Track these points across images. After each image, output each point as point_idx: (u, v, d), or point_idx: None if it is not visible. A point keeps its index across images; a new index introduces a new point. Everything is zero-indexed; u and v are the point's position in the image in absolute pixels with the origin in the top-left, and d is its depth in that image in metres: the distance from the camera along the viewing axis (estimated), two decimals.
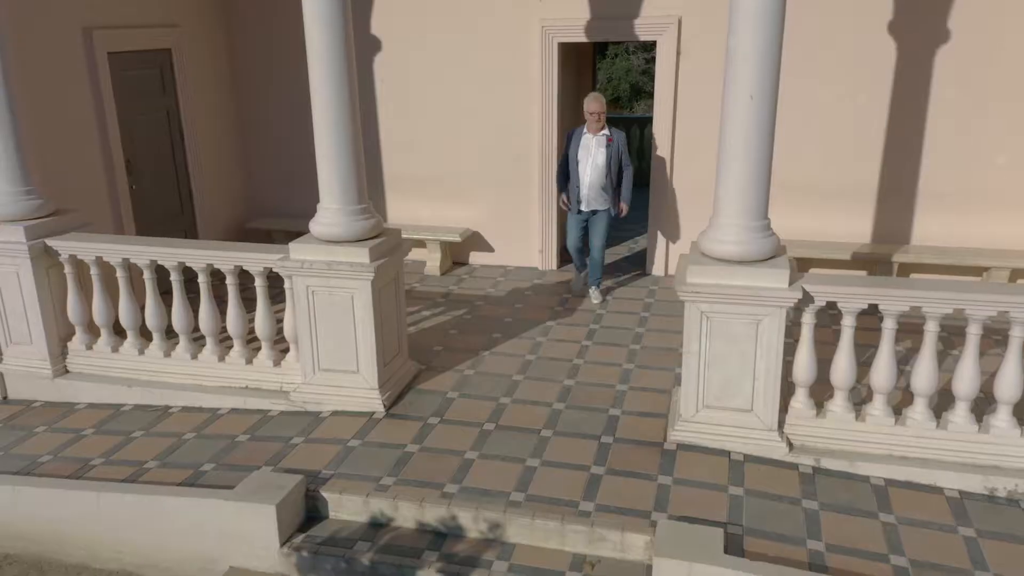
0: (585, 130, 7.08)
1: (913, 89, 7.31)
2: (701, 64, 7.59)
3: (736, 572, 3.83)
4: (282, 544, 4.39)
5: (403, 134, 8.64)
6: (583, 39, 7.93)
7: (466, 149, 8.51)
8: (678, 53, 7.70)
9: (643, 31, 7.69)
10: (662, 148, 7.99)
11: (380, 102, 8.60)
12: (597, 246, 7.34)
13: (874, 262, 7.47)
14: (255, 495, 4.43)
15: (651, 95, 8.12)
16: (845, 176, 7.62)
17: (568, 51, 8.48)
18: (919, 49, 7.21)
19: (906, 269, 7.45)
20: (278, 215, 9.28)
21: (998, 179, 7.32)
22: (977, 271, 7.36)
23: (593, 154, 7.02)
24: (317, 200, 5.48)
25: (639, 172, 12.53)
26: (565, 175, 7.22)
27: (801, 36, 7.23)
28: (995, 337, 6.19)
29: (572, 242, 7.37)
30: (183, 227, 8.18)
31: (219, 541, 4.47)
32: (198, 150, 8.29)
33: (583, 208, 7.17)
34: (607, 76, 24.49)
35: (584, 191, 7.09)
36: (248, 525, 4.38)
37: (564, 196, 7.28)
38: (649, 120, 11.93)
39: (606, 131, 7.03)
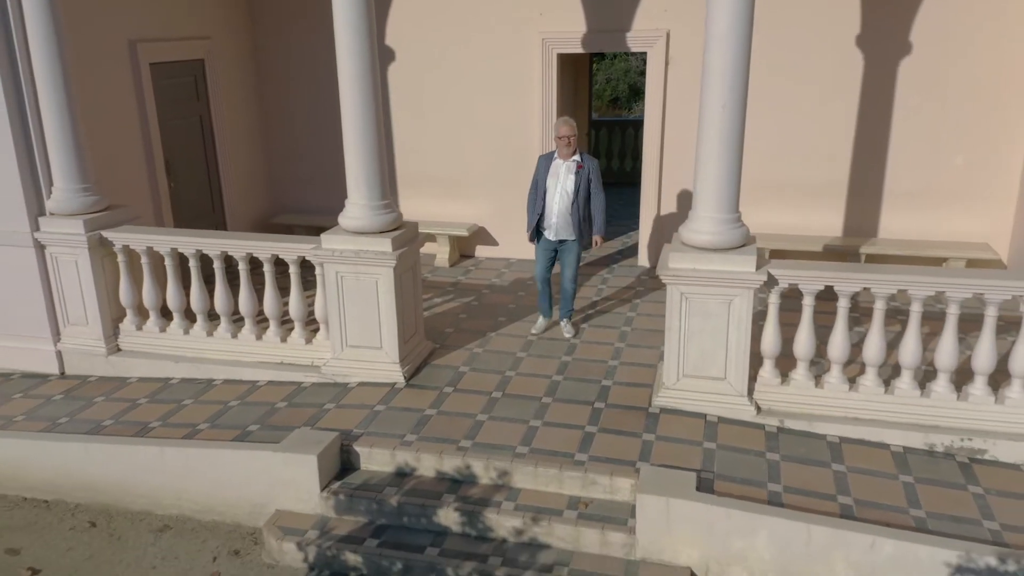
0: (555, 155, 6.71)
1: (881, 96, 8.06)
2: (688, 72, 8.33)
3: (705, 505, 4.59)
4: (322, 489, 5.14)
5: (415, 137, 9.38)
6: (580, 50, 8.68)
7: (473, 151, 9.25)
8: (666, 63, 8.45)
9: (635, 43, 8.44)
10: (652, 149, 8.74)
11: (394, 107, 9.34)
12: (569, 277, 6.93)
13: (844, 254, 8.22)
14: (298, 447, 5.18)
15: None
16: (820, 175, 8.37)
17: (566, 59, 9.22)
18: (886, 60, 7.96)
19: (873, 260, 8.18)
20: (299, 211, 10.03)
21: (956, 178, 8.07)
22: (937, 262, 8.09)
23: (562, 180, 6.63)
24: (334, 197, 6.24)
25: (634, 171, 13.30)
26: (533, 202, 6.80)
27: (782, 49, 7.99)
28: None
29: (539, 271, 6.98)
30: (214, 223, 8.93)
31: (268, 488, 5.22)
32: (227, 152, 9.04)
33: (551, 237, 6.78)
34: (606, 77, 25.18)
35: (552, 219, 6.69)
36: (293, 473, 5.13)
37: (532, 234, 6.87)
38: (643, 122, 12.68)
39: (577, 157, 6.63)
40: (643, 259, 9.20)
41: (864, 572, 4.47)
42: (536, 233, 6.89)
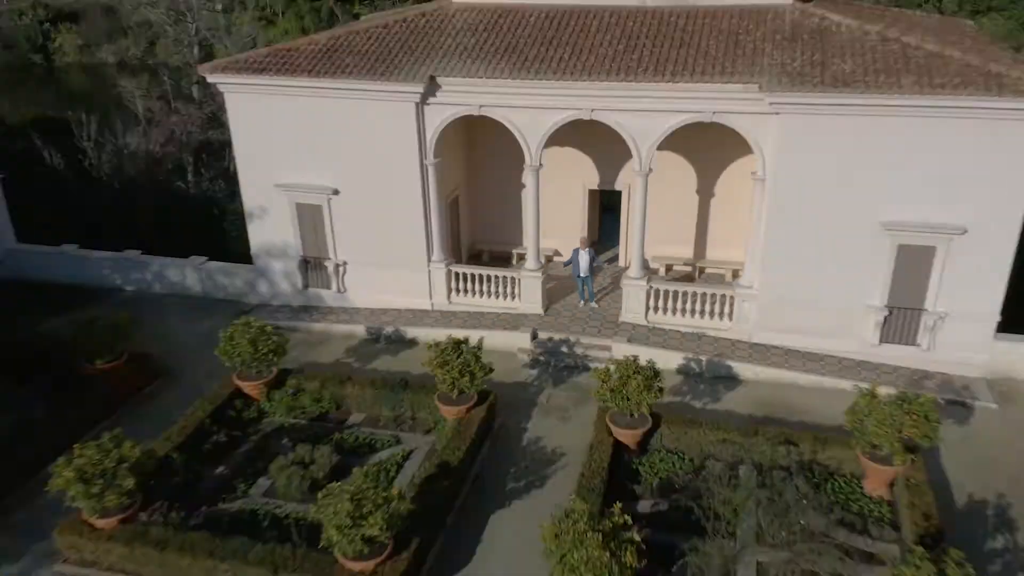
0: (580, 249, 20.29)
1: (703, 190, 22.14)
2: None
3: None
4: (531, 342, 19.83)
5: None
6: (598, 188, 22.91)
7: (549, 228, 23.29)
8: (630, 196, 22.63)
9: (621, 186, 22.52)
10: (634, 223, 23.11)
11: None
12: (590, 291, 20.83)
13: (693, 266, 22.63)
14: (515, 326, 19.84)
15: None
16: (682, 228, 22.57)
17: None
18: (703, 174, 22.04)
19: (700, 271, 22.59)
20: (488, 242, 24.33)
21: (728, 229, 22.12)
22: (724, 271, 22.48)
23: (585, 258, 20.27)
24: (505, 235, 22.44)
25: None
26: (570, 263, 20.64)
27: (662, 176, 22.23)
28: None
29: (579, 287, 20.90)
30: (455, 251, 23.16)
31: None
32: (462, 214, 23.31)
33: (582, 275, 20.39)
34: None
35: (582, 273, 20.31)
36: (518, 339, 19.77)
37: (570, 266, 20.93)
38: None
39: (589, 248, 20.45)
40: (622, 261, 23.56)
41: None
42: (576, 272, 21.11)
